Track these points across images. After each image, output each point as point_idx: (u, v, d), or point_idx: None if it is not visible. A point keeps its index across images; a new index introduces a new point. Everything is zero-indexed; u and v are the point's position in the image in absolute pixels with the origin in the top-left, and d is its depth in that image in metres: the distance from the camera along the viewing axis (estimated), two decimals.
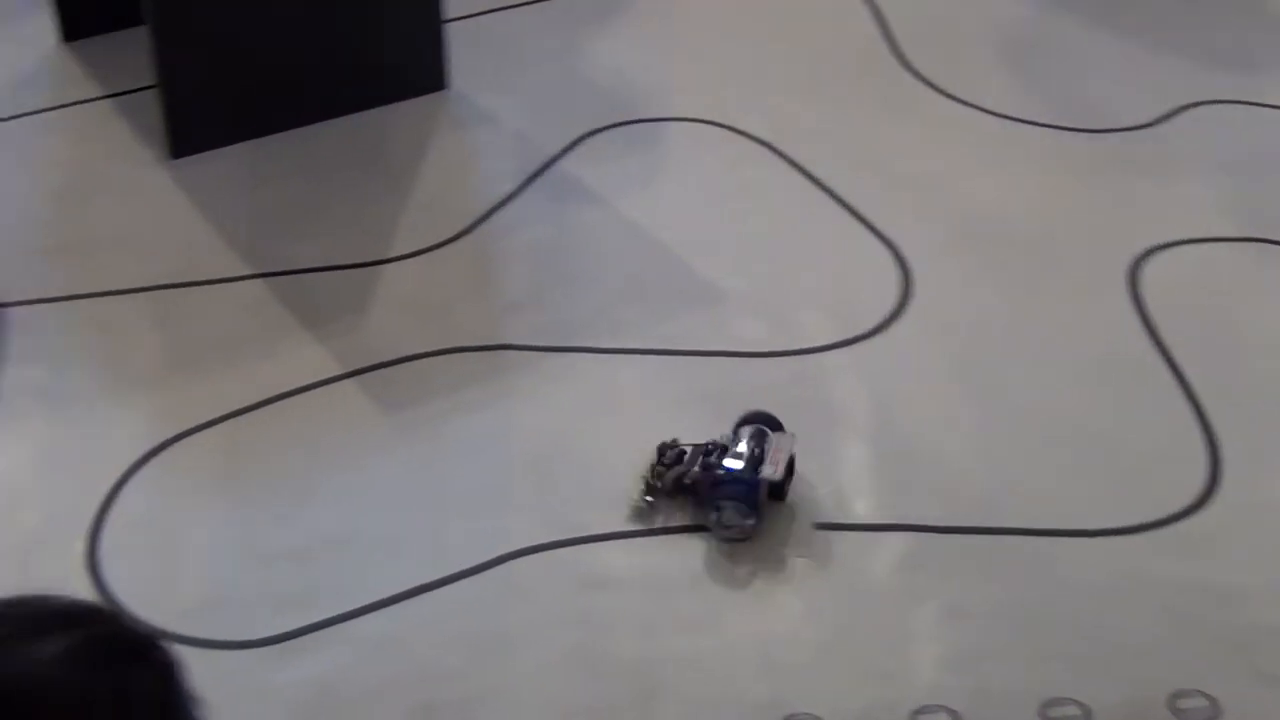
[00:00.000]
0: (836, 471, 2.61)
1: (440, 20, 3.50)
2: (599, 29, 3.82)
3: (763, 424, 2.57)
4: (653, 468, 2.54)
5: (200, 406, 2.71)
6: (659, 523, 2.50)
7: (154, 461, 2.60)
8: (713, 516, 2.47)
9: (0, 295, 2.93)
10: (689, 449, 2.56)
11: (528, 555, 2.45)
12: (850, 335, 2.89)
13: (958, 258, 3.09)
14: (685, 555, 2.46)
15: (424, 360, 2.82)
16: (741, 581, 2.43)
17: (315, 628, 2.34)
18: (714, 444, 2.54)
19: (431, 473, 2.60)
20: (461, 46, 3.57)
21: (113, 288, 2.97)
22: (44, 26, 3.69)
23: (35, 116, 3.47)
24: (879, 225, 3.14)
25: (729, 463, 2.49)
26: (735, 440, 2.53)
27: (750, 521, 2.46)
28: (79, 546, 2.44)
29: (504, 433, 2.69)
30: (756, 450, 2.51)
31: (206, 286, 2.98)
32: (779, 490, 2.51)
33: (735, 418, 2.61)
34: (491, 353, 2.84)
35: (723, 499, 2.46)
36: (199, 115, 3.32)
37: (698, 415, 2.67)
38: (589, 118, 3.47)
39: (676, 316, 2.94)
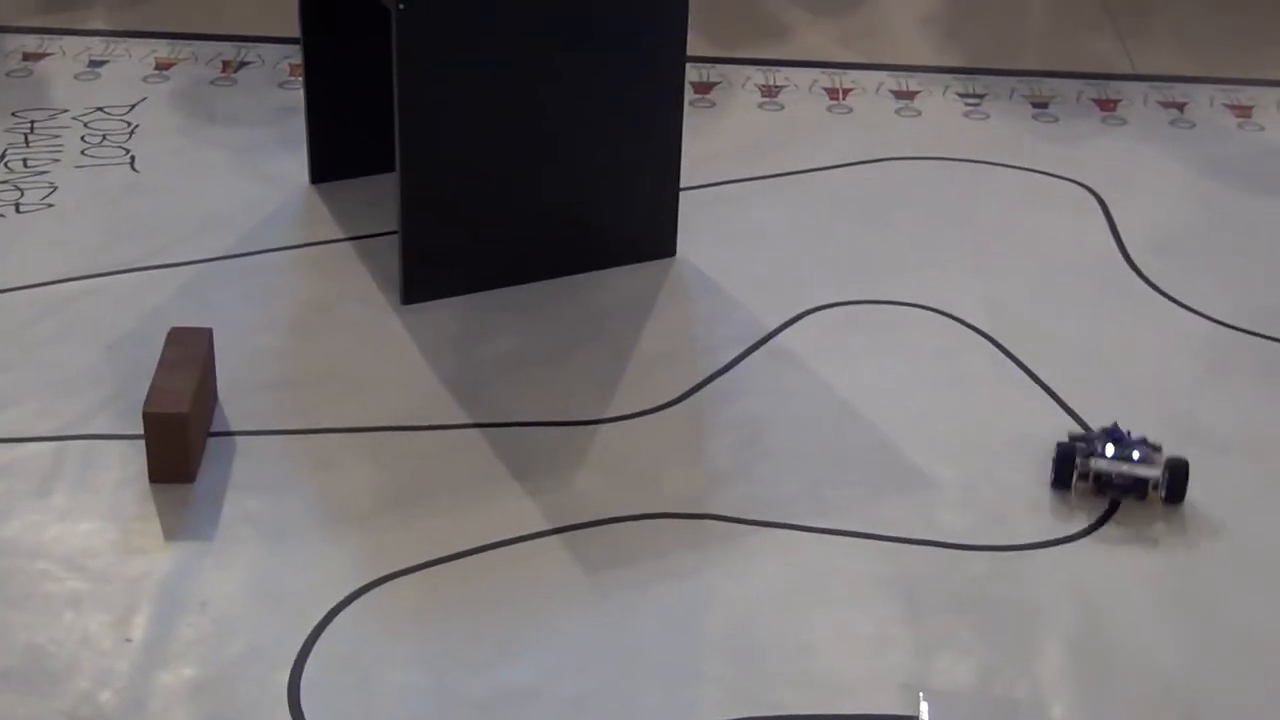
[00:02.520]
0: (1031, 673, 2.56)
1: (676, 189, 3.58)
2: (832, 208, 3.86)
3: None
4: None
5: (408, 549, 2.76)
6: None
7: (360, 600, 2.65)
8: None
9: (227, 424, 3.04)
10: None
11: None
12: (1059, 535, 2.85)
13: None
14: None
15: (628, 523, 2.85)
16: None
17: None
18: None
19: (626, 637, 2.61)
20: (692, 215, 3.64)
21: (334, 425, 3.06)
22: (295, 167, 3.85)
23: (278, 253, 3.61)
24: (1095, 426, 3.10)
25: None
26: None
27: None
28: (281, 679, 2.50)
29: (703, 603, 2.69)
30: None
31: (424, 432, 3.06)
32: None
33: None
34: (696, 521, 2.86)
35: None
36: (433, 264, 3.42)
37: (894, 601, 2.67)
38: (812, 295, 3.50)
39: (883, 500, 2.93)
